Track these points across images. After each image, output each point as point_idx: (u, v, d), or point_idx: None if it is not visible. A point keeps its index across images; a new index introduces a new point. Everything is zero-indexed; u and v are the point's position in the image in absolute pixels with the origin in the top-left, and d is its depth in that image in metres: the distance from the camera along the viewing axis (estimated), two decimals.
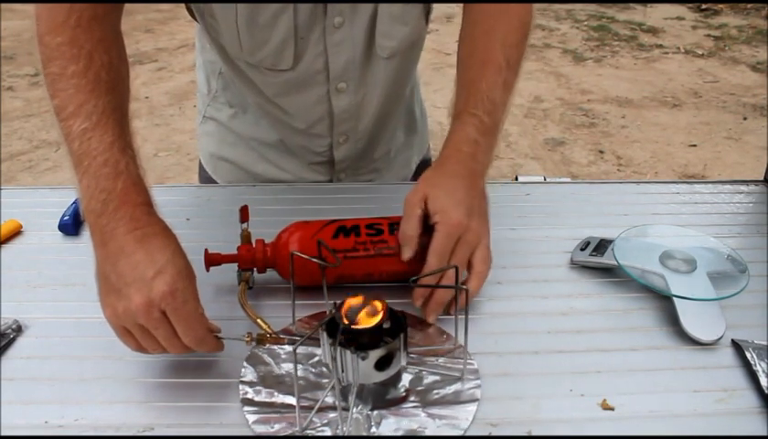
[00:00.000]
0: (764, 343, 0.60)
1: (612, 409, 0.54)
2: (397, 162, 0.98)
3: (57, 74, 0.58)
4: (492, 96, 0.68)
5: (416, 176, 1.01)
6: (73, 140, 0.56)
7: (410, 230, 0.63)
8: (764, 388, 0.55)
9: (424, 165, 1.02)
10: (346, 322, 0.51)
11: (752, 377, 0.57)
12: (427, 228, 0.64)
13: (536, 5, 0.75)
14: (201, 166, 0.99)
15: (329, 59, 0.78)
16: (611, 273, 0.71)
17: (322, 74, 0.79)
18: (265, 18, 0.73)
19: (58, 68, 0.58)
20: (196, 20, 0.81)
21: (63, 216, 0.79)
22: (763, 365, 0.57)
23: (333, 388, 0.54)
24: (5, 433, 0.52)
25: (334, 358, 0.51)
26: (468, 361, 0.58)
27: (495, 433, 0.52)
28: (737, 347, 0.60)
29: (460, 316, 0.59)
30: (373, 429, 0.52)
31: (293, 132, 0.88)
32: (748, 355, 0.58)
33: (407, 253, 0.63)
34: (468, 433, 0.52)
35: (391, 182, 0.97)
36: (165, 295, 0.51)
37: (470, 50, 0.73)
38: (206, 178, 0.98)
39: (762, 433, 0.52)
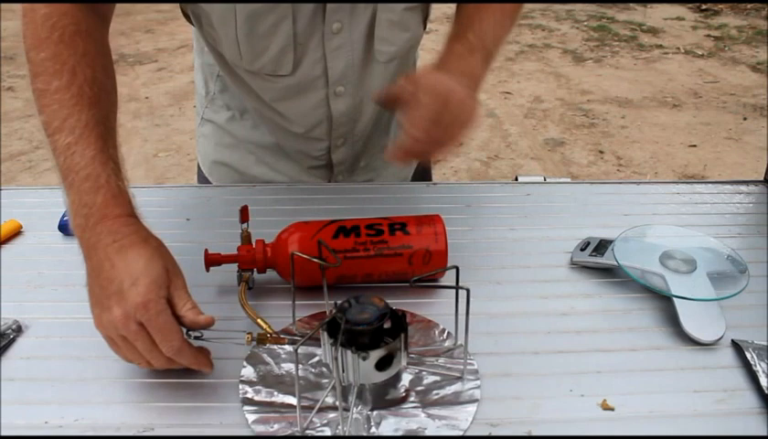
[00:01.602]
0: (764, 343, 0.60)
1: (612, 409, 0.54)
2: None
3: (42, 90, 0.59)
4: (484, 27, 0.70)
5: (415, 175, 1.01)
6: (59, 155, 0.57)
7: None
8: (764, 388, 0.55)
9: (422, 164, 1.02)
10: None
11: (752, 377, 0.57)
12: None
13: (536, 6, 0.76)
14: (199, 169, 0.99)
15: (328, 65, 0.78)
16: (611, 274, 0.71)
17: (321, 79, 0.79)
18: (264, 28, 0.73)
19: (42, 83, 0.59)
20: (193, 25, 0.81)
21: (63, 216, 0.79)
22: (763, 365, 0.57)
23: (333, 388, 0.54)
24: (5, 433, 0.52)
25: (334, 359, 0.51)
26: (468, 361, 0.58)
27: (495, 433, 0.52)
28: (737, 347, 0.60)
29: (460, 316, 0.59)
30: (373, 429, 0.52)
31: (291, 136, 0.87)
32: (748, 355, 0.58)
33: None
34: (468, 434, 0.52)
35: (391, 182, 0.97)
36: (138, 307, 0.51)
37: (461, 21, 0.74)
38: (203, 180, 0.97)
39: (762, 433, 0.52)
